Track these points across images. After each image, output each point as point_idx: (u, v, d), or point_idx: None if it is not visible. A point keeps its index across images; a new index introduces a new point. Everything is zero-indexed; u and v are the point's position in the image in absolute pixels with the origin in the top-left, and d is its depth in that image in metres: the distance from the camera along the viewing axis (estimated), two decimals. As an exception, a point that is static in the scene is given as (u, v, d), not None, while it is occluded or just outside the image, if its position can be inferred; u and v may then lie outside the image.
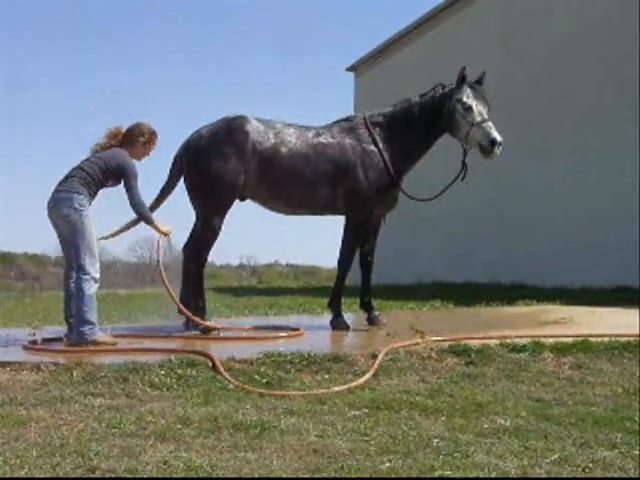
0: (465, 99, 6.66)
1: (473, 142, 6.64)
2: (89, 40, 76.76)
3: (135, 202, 5.94)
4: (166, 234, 6.19)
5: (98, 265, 5.83)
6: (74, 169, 5.91)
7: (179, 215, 6.90)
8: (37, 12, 73.20)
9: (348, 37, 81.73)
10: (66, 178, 5.88)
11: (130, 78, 69.63)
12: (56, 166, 67.25)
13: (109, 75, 68.27)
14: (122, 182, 5.95)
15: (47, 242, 73.40)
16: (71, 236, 5.80)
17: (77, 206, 5.75)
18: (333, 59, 79.77)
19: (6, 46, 71.94)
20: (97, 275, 5.78)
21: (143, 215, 6.07)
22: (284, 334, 6.49)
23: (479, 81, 6.83)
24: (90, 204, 5.88)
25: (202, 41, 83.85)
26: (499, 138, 6.54)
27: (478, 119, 6.61)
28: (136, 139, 6.06)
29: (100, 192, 5.97)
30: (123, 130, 6.13)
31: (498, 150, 6.56)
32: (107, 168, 5.88)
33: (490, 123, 6.63)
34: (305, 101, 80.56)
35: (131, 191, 5.92)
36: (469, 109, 6.64)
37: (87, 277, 5.71)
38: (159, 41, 78.57)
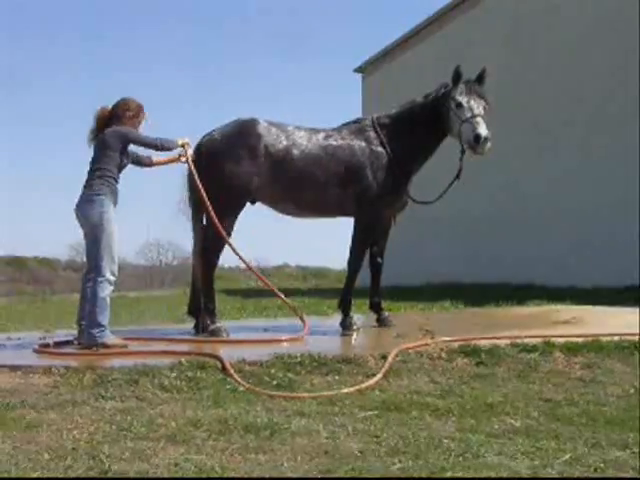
0: (457, 96, 6.59)
1: (463, 139, 6.56)
2: (89, 41, 76.91)
3: (156, 146, 6.10)
4: (186, 143, 6.35)
5: (116, 268, 5.86)
6: (92, 170, 5.94)
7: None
8: (38, 13, 73.40)
9: (355, 38, 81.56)
10: (87, 181, 5.93)
11: (131, 79, 69.77)
12: (66, 168, 67.61)
13: (109, 77, 68.62)
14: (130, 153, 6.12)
15: (58, 246, 73.81)
16: (91, 237, 5.85)
17: (98, 207, 5.79)
18: (340, 60, 79.61)
19: (7, 47, 72.28)
20: (112, 278, 5.81)
21: (168, 146, 6.19)
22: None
23: (479, 78, 6.77)
24: (115, 204, 5.93)
25: (207, 42, 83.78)
26: (484, 133, 6.35)
27: (467, 115, 6.51)
28: (123, 114, 6.07)
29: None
30: (109, 109, 6.14)
31: (485, 146, 6.39)
32: (115, 153, 5.91)
33: (479, 119, 6.47)
34: (312, 102, 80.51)
35: (145, 143, 6.08)
36: (459, 106, 6.56)
37: (102, 279, 5.74)
38: (162, 42, 78.51)
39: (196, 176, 6.34)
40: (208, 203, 6.26)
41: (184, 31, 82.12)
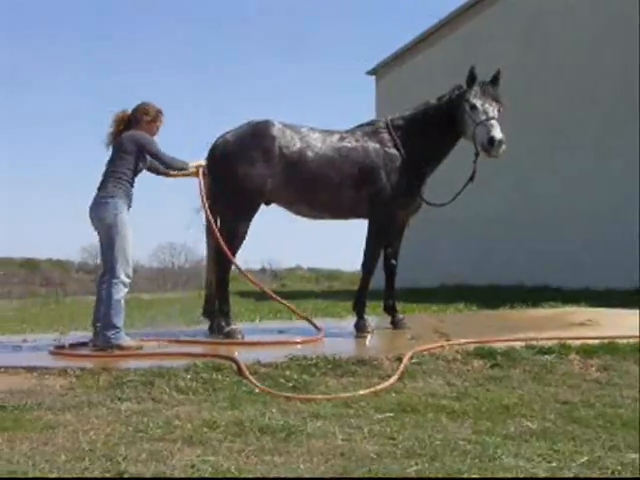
0: (472, 98, 6.55)
1: (478, 142, 6.50)
2: (89, 41, 76.94)
3: (167, 163, 6.14)
4: (201, 165, 6.42)
5: (131, 270, 5.89)
6: (107, 172, 5.98)
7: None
8: (38, 13, 73.57)
9: (368, 40, 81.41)
10: (102, 182, 5.97)
11: (131, 79, 69.90)
12: (66, 168, 67.82)
13: (109, 77, 68.78)
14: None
15: (71, 248, 73.87)
16: (105, 239, 5.88)
17: (112, 209, 5.82)
18: (354, 63, 79.42)
19: (7, 47, 72.48)
20: (127, 280, 5.84)
21: (179, 166, 6.25)
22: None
23: (494, 80, 6.72)
24: (129, 206, 5.96)
25: (207, 42, 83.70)
26: (498, 136, 6.30)
27: (482, 117, 6.46)
28: (141, 118, 6.11)
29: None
30: (128, 112, 6.19)
31: (499, 149, 6.33)
32: (131, 156, 5.94)
33: (493, 121, 6.42)
34: (326, 105, 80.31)
35: (157, 156, 6.08)
36: (474, 108, 6.52)
37: (116, 281, 5.76)
38: (162, 42, 78.43)
39: (205, 200, 6.38)
40: (214, 227, 6.36)
41: (184, 31, 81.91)
